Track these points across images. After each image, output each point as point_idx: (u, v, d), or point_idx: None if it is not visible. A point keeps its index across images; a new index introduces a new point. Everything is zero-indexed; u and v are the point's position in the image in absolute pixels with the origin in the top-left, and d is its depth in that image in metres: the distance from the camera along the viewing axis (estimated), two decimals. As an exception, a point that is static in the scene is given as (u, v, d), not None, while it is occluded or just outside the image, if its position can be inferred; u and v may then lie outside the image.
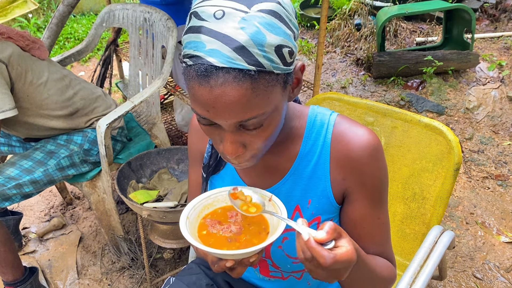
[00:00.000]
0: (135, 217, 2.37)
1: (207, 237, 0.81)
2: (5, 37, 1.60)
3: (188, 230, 0.79)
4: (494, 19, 4.03)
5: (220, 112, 0.67)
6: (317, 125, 0.87)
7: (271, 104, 0.69)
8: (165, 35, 2.01)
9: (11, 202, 1.70)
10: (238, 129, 0.71)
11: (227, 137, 0.72)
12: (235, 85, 0.64)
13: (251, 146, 0.75)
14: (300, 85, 0.78)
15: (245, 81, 0.64)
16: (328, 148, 0.85)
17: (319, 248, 0.65)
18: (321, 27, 1.79)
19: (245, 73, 0.64)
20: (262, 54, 0.64)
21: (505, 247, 2.24)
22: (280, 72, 0.68)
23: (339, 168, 0.85)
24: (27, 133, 1.80)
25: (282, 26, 0.67)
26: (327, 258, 0.64)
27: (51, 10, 4.90)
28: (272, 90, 0.68)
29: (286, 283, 1.02)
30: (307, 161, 0.88)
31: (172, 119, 2.85)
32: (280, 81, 0.69)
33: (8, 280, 1.80)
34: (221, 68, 0.64)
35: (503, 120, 3.08)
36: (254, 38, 0.63)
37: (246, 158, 0.77)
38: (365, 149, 0.82)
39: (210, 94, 0.65)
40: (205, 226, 0.83)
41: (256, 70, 0.64)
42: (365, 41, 3.81)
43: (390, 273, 0.91)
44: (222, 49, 0.63)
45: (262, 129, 0.72)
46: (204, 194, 0.88)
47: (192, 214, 0.85)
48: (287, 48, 0.67)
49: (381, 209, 0.89)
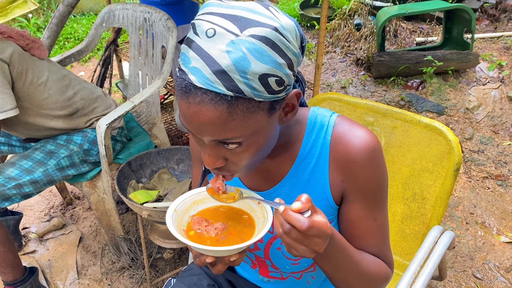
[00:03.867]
0: (135, 217, 2.37)
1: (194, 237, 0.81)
2: (6, 36, 1.60)
3: (173, 223, 0.80)
4: (494, 19, 4.03)
5: (196, 128, 0.69)
6: (316, 127, 0.87)
7: (250, 129, 0.69)
8: (165, 35, 2.01)
9: (11, 202, 1.70)
10: (217, 145, 0.72)
11: (206, 149, 0.74)
12: (210, 107, 0.65)
13: (232, 161, 0.75)
14: (295, 110, 0.76)
15: (221, 104, 0.65)
16: (327, 149, 0.85)
17: (295, 215, 0.66)
18: (321, 27, 1.79)
19: (221, 97, 0.64)
20: (243, 81, 0.64)
21: (505, 247, 2.24)
22: (262, 100, 0.67)
23: (338, 169, 0.85)
24: (27, 133, 1.80)
25: (272, 54, 0.65)
26: (304, 222, 0.64)
27: (51, 10, 4.89)
28: (251, 116, 0.67)
29: (285, 283, 1.02)
30: (306, 163, 0.87)
31: (172, 119, 2.85)
32: (263, 108, 0.68)
33: (8, 280, 1.80)
34: (199, 88, 0.65)
35: (503, 120, 3.08)
36: (237, 64, 0.63)
37: (229, 173, 0.78)
38: (364, 151, 0.82)
39: (188, 109, 0.67)
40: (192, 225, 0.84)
41: (234, 96, 0.64)
42: (365, 41, 3.81)
43: (380, 271, 0.89)
44: (203, 70, 0.64)
45: (242, 149, 0.72)
46: (195, 190, 0.89)
47: (180, 207, 0.86)
48: (274, 77, 0.66)
49: (378, 210, 0.88)
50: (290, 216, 0.66)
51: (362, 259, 0.85)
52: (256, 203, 0.84)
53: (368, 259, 0.88)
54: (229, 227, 0.82)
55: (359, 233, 0.89)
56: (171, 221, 0.80)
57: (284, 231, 0.67)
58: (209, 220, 0.84)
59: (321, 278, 1.04)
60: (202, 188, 0.89)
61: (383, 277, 0.90)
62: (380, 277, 0.90)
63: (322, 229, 0.66)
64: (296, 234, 0.66)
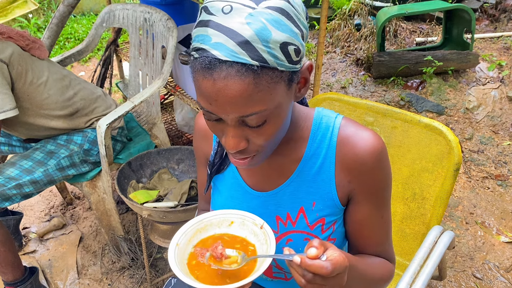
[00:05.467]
0: (135, 217, 2.37)
1: (196, 267, 0.80)
2: (5, 37, 1.60)
3: (176, 259, 0.79)
4: (494, 19, 4.03)
5: (222, 106, 0.67)
6: (322, 127, 0.87)
7: (274, 101, 0.69)
8: (165, 35, 2.01)
9: (11, 202, 1.70)
10: (240, 124, 0.71)
11: (229, 131, 0.72)
12: (237, 79, 0.64)
13: (254, 142, 0.75)
14: (307, 85, 0.78)
15: (247, 76, 0.64)
16: (333, 150, 0.86)
17: (316, 261, 0.66)
18: (321, 27, 1.79)
19: (248, 68, 0.64)
20: (266, 50, 0.65)
21: (505, 247, 2.24)
22: (284, 69, 0.68)
23: (345, 170, 0.86)
24: (27, 133, 1.80)
25: (289, 23, 0.67)
26: (328, 266, 0.66)
27: (51, 10, 4.89)
28: (275, 86, 0.68)
29: (288, 283, 1.02)
30: (312, 163, 0.88)
31: (172, 119, 2.85)
32: (284, 79, 0.69)
33: (8, 280, 1.80)
34: (224, 62, 0.64)
35: (503, 120, 3.08)
36: (259, 33, 0.64)
37: (250, 154, 0.77)
38: (371, 153, 0.83)
39: (213, 87, 0.66)
40: (195, 255, 0.82)
41: (259, 66, 0.65)
42: (365, 41, 3.81)
43: (385, 271, 0.92)
44: (226, 43, 0.64)
45: (264, 127, 0.72)
46: (196, 219, 0.88)
47: (182, 240, 0.84)
48: (293, 46, 0.68)
49: (384, 210, 0.90)
50: (312, 266, 0.66)
51: (367, 267, 0.87)
52: (259, 227, 0.84)
53: (374, 264, 0.90)
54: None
55: (367, 232, 0.90)
56: (173, 258, 0.79)
57: (308, 281, 0.67)
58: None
59: None
60: (203, 215, 0.88)
61: (389, 276, 0.93)
62: (386, 277, 0.92)
63: (342, 264, 0.67)
64: (320, 280, 0.67)
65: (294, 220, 0.91)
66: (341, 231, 0.93)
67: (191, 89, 2.15)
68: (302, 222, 0.90)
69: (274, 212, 0.92)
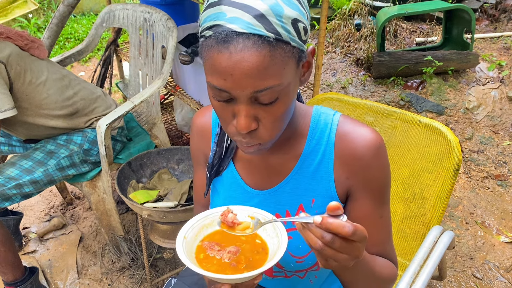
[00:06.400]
0: (135, 217, 2.37)
1: (205, 260, 0.79)
2: (4, 37, 1.60)
3: (184, 250, 0.78)
4: (494, 19, 4.03)
5: (238, 80, 0.68)
6: (321, 124, 0.88)
7: (287, 77, 0.70)
8: (165, 35, 2.01)
9: (11, 202, 1.70)
10: (252, 103, 0.72)
11: (241, 110, 0.72)
12: (253, 51, 0.66)
13: (264, 123, 0.74)
14: (310, 69, 0.79)
15: (263, 48, 0.66)
16: (332, 147, 0.86)
17: (338, 221, 0.62)
18: (321, 27, 1.79)
19: (264, 40, 0.66)
20: (280, 24, 0.67)
21: (505, 247, 2.24)
22: (295, 46, 0.70)
23: (343, 167, 0.86)
24: (27, 134, 1.80)
25: (296, 3, 0.70)
26: (349, 227, 0.62)
27: (51, 10, 4.89)
28: (288, 62, 0.69)
29: (288, 281, 1.02)
30: (311, 160, 0.88)
31: (172, 119, 2.85)
32: (295, 55, 0.71)
33: (8, 280, 1.80)
34: (241, 34, 0.66)
35: (503, 120, 3.08)
36: (273, 8, 0.66)
37: (259, 138, 0.76)
38: (370, 148, 0.83)
39: (229, 60, 0.66)
40: (203, 249, 0.81)
41: (274, 38, 0.66)
42: (365, 41, 3.81)
43: (391, 272, 0.91)
44: (242, 16, 0.66)
45: (276, 105, 0.72)
46: (202, 214, 0.87)
47: (189, 233, 0.83)
48: (302, 23, 0.70)
49: (383, 208, 0.90)
50: (333, 224, 0.62)
51: (376, 266, 0.86)
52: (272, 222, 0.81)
53: (380, 263, 0.89)
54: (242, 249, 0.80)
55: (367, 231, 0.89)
56: (182, 249, 0.78)
57: (326, 243, 0.63)
58: (221, 244, 0.81)
59: (323, 278, 1.05)
60: (209, 211, 0.87)
61: (393, 279, 0.92)
62: (391, 279, 0.91)
63: (363, 233, 0.65)
64: (339, 243, 0.63)
65: None
66: None
67: (191, 89, 2.15)
68: None
69: (273, 210, 0.92)
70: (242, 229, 0.79)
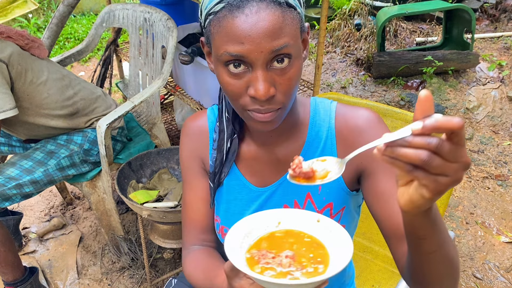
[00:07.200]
0: (135, 217, 2.37)
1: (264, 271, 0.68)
2: (5, 36, 1.60)
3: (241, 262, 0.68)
4: (494, 19, 4.03)
5: (256, 40, 0.69)
6: (320, 112, 0.90)
7: (298, 38, 0.75)
8: (165, 35, 2.01)
9: (11, 202, 1.70)
10: (268, 69, 0.73)
11: (259, 76, 0.72)
12: (268, 11, 0.70)
13: (280, 89, 0.75)
14: (307, 47, 0.83)
15: (276, 9, 0.70)
16: (333, 131, 0.88)
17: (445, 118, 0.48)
18: (321, 27, 1.79)
19: (275, 2, 0.71)
20: None
21: (505, 247, 2.24)
22: (299, 12, 0.75)
23: (347, 148, 0.87)
24: (27, 133, 1.80)
25: None
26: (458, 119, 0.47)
27: (51, 10, 4.90)
28: (296, 25, 0.74)
29: None
30: (314, 147, 0.89)
31: (172, 119, 2.85)
32: (299, 21, 0.75)
33: (8, 280, 1.80)
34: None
35: (503, 120, 3.08)
36: None
37: (276, 106, 0.75)
38: (370, 122, 0.85)
39: (245, 23, 0.69)
40: (255, 261, 0.70)
41: (284, 1, 0.72)
42: (365, 41, 3.81)
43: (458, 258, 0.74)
44: None
45: (289, 68, 0.74)
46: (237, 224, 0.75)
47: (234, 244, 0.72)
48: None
49: None
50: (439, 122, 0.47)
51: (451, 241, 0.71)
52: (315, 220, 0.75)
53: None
54: (296, 252, 0.71)
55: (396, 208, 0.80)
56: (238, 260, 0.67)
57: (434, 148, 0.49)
58: (272, 251, 0.71)
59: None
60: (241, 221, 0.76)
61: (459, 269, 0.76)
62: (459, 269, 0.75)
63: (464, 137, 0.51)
64: (448, 147, 0.49)
65: (302, 207, 0.91)
66: (350, 218, 0.93)
67: (191, 89, 2.15)
68: (310, 208, 0.90)
69: (281, 202, 0.92)
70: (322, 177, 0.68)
